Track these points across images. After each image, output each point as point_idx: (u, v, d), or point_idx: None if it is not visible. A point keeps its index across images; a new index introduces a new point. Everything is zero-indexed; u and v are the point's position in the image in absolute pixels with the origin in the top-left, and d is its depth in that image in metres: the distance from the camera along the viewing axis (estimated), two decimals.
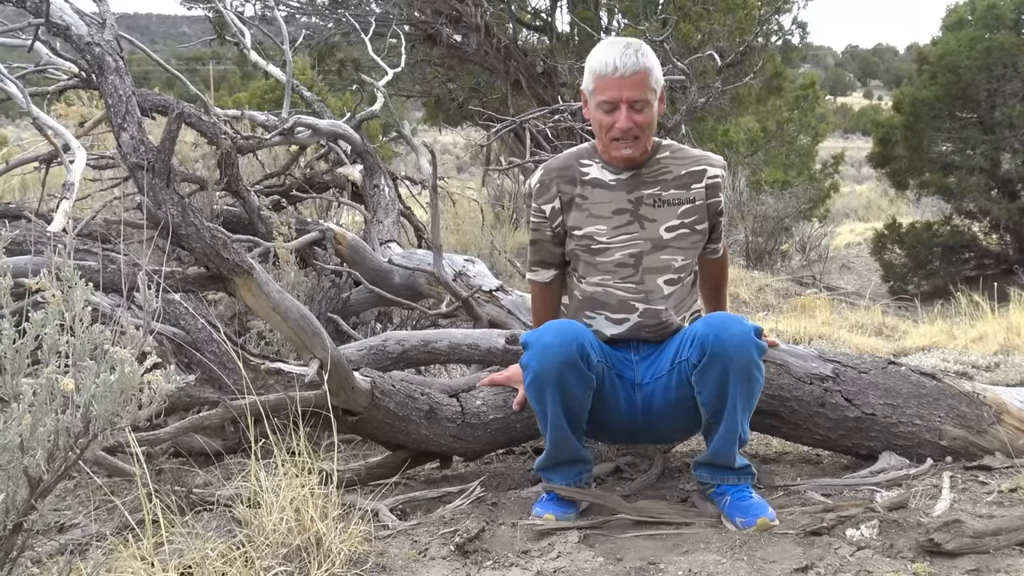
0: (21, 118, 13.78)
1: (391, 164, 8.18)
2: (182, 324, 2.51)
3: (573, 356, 2.26)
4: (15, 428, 1.58)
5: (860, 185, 20.43)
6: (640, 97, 2.33)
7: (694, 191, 2.45)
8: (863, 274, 11.54)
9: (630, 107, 2.33)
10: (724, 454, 2.34)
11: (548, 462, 2.42)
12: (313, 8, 11.30)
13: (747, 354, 2.24)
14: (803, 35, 12.61)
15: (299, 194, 5.03)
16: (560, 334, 2.29)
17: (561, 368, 2.25)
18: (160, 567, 1.86)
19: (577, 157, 2.50)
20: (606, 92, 2.33)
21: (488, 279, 3.79)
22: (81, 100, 4.88)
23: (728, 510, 2.31)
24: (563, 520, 2.29)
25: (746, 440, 2.40)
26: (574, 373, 2.27)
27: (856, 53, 79.54)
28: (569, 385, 2.28)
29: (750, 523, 2.23)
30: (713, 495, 2.39)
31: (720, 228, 2.55)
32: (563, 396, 2.28)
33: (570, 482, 2.40)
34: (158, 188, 2.26)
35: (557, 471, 2.41)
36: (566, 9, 11.31)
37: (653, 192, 2.44)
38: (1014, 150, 10.44)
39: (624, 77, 2.30)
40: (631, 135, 2.35)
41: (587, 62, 2.39)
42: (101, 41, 2.43)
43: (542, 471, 2.45)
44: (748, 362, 2.24)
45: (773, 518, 2.23)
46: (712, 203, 2.47)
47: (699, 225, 2.47)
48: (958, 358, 4.58)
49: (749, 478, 2.37)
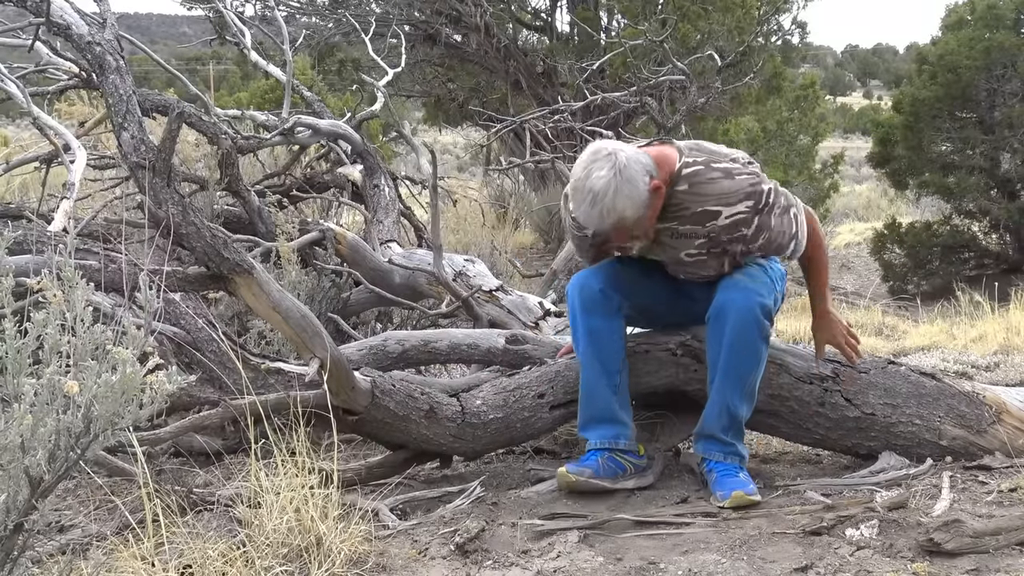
0: (21, 118, 13.77)
1: (391, 164, 8.17)
2: (182, 324, 2.52)
3: (595, 292, 2.50)
4: (16, 428, 1.58)
5: (860, 185, 20.42)
6: (620, 241, 2.40)
7: (710, 227, 2.39)
8: (863, 274, 11.54)
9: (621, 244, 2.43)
10: (710, 423, 2.49)
11: (583, 416, 2.57)
12: (313, 8, 11.30)
13: (743, 327, 2.39)
14: (803, 35, 12.64)
15: (299, 194, 5.03)
16: (586, 276, 2.56)
17: (584, 302, 2.50)
18: (160, 567, 1.86)
19: None
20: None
21: (488, 279, 3.80)
22: (82, 100, 4.89)
23: (713, 487, 2.42)
24: (574, 473, 2.44)
25: (739, 419, 2.49)
26: (595, 305, 2.50)
27: (856, 53, 79.50)
28: (592, 315, 2.50)
29: (726, 496, 2.33)
30: (705, 473, 2.50)
31: (774, 244, 2.46)
32: (590, 327, 2.50)
33: (605, 442, 2.52)
34: (159, 187, 2.27)
35: (592, 428, 2.55)
36: (566, 9, 11.32)
37: (670, 226, 2.43)
38: (1014, 150, 10.43)
39: (597, 234, 2.32)
40: (629, 252, 2.50)
41: (568, 186, 2.37)
42: (102, 41, 2.43)
43: (581, 431, 2.59)
44: (741, 335, 2.40)
45: (751, 492, 2.33)
46: (739, 236, 2.40)
47: (722, 255, 2.47)
48: (958, 358, 4.59)
49: (736, 459, 2.48)
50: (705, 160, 2.38)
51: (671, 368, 2.70)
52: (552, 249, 8.61)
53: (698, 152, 2.41)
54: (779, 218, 2.44)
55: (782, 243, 2.48)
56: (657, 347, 2.69)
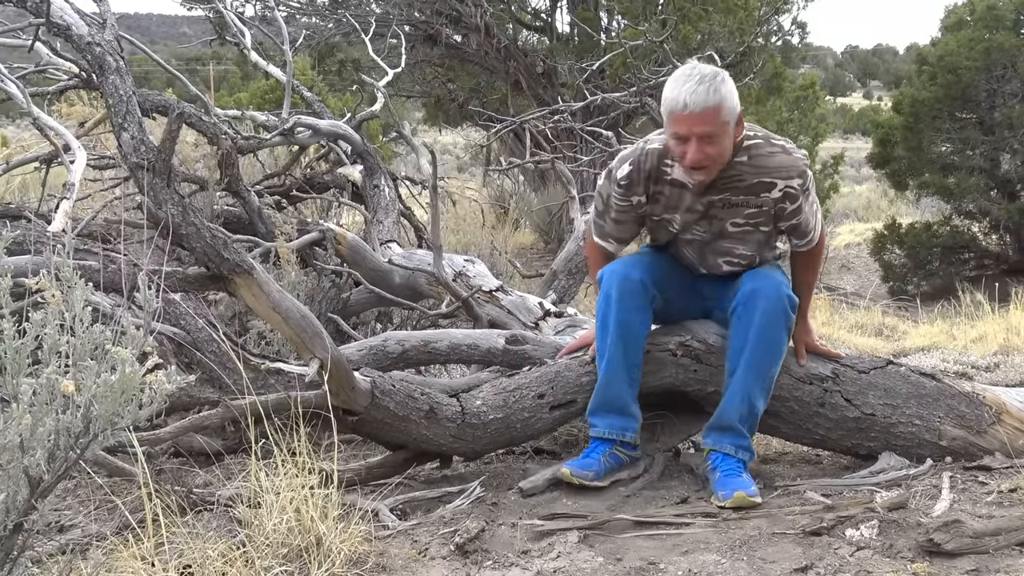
0: (21, 118, 13.78)
1: (391, 164, 8.17)
2: (182, 324, 2.52)
3: (635, 283, 2.57)
4: (15, 428, 1.58)
5: (860, 185, 20.40)
6: (710, 132, 2.37)
7: (763, 199, 2.52)
8: (863, 274, 11.53)
9: (701, 140, 2.38)
10: (729, 412, 2.52)
11: (596, 402, 2.61)
12: (313, 8, 11.31)
13: (773, 314, 2.48)
14: (803, 35, 12.66)
15: (299, 194, 5.02)
16: (626, 265, 2.63)
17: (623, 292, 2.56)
18: (160, 567, 1.86)
19: (661, 157, 2.56)
20: (677, 127, 2.40)
21: (488, 279, 3.79)
22: (82, 100, 4.88)
23: (715, 486, 2.44)
24: (577, 475, 2.48)
25: (756, 412, 2.54)
26: (633, 297, 2.57)
27: (856, 53, 79.45)
28: (628, 307, 2.55)
29: (728, 496, 2.34)
30: (709, 471, 2.51)
31: (801, 228, 2.61)
32: (622, 317, 2.55)
33: (613, 432, 2.57)
34: (159, 188, 2.26)
35: (602, 416, 2.59)
36: (566, 9, 11.32)
37: (724, 197, 2.54)
38: (1013, 150, 10.42)
39: (693, 114, 2.35)
40: (702, 165, 2.43)
41: (663, 92, 2.45)
42: (102, 41, 2.43)
43: (590, 415, 2.63)
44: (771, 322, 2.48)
45: (753, 494, 2.35)
46: (780, 209, 2.53)
47: (764, 227, 2.59)
48: (958, 358, 4.59)
49: (745, 453, 2.51)
50: (764, 136, 2.53)
51: (671, 368, 2.70)
52: (552, 249, 8.61)
53: (755, 129, 2.55)
54: (811, 204, 2.60)
55: (806, 229, 2.62)
56: (657, 347, 2.69)
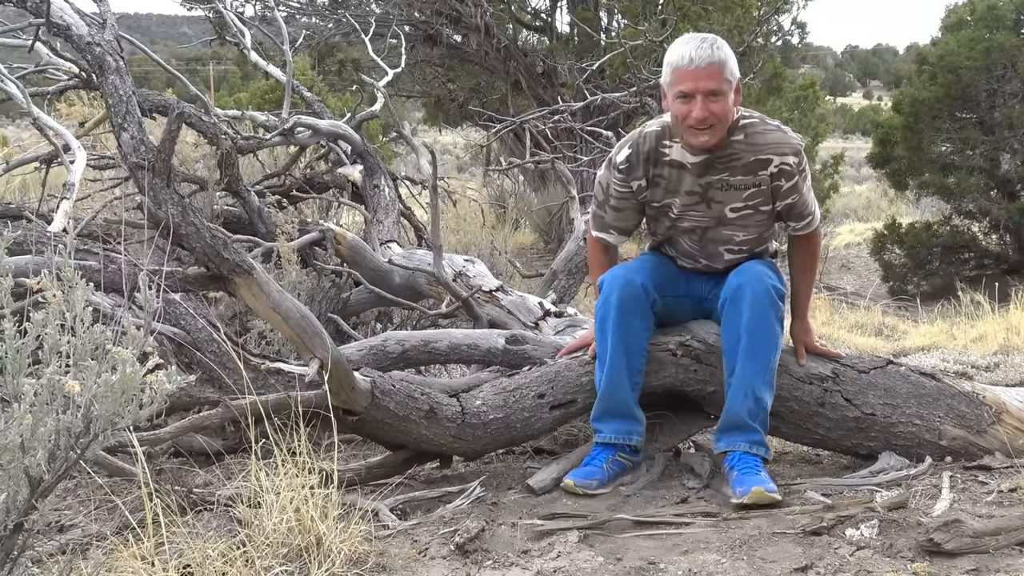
0: (21, 118, 13.79)
1: (391, 164, 8.17)
2: (182, 324, 2.52)
3: (637, 288, 2.59)
4: (16, 428, 1.58)
5: (860, 185, 20.40)
6: (715, 87, 2.42)
7: (760, 177, 2.56)
8: (863, 274, 11.53)
9: (706, 97, 2.42)
10: (735, 409, 2.52)
11: (600, 408, 2.62)
12: (313, 8, 11.31)
13: (760, 306, 2.49)
14: (802, 35, 12.66)
15: (299, 194, 5.02)
16: (628, 270, 2.66)
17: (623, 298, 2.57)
18: (160, 567, 1.86)
19: (659, 139, 2.60)
20: (683, 83, 2.44)
21: (488, 279, 3.79)
22: (82, 100, 4.88)
23: (732, 484, 2.43)
24: (581, 485, 2.49)
25: (763, 405, 2.53)
26: (635, 302, 2.58)
27: (856, 53, 79.45)
28: (629, 312, 2.57)
29: (745, 492, 2.33)
30: (727, 473, 2.49)
31: (797, 208, 2.63)
32: (624, 323, 2.56)
33: (619, 437, 2.59)
34: (158, 188, 2.26)
35: (607, 421, 2.60)
36: (566, 9, 11.32)
37: (722, 177, 2.57)
38: (1013, 150, 10.43)
39: (699, 68, 2.41)
40: (707, 123, 2.45)
41: (665, 58, 2.53)
42: (101, 41, 2.43)
43: (594, 421, 2.64)
44: (759, 313, 2.49)
45: (772, 490, 2.33)
46: (776, 187, 2.57)
47: (763, 207, 2.62)
48: (958, 358, 4.59)
49: (761, 449, 2.51)
50: (760, 116, 2.60)
51: (671, 368, 2.70)
52: (552, 249, 8.61)
53: (751, 111, 2.62)
54: (807, 187, 2.63)
55: (804, 212, 2.65)
56: (656, 347, 2.69)
